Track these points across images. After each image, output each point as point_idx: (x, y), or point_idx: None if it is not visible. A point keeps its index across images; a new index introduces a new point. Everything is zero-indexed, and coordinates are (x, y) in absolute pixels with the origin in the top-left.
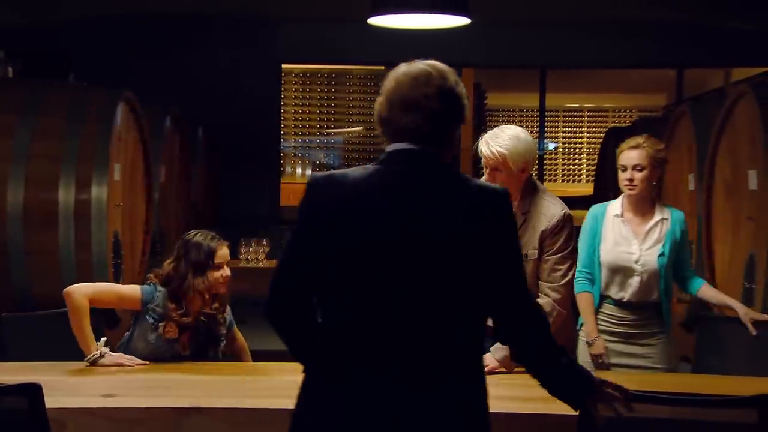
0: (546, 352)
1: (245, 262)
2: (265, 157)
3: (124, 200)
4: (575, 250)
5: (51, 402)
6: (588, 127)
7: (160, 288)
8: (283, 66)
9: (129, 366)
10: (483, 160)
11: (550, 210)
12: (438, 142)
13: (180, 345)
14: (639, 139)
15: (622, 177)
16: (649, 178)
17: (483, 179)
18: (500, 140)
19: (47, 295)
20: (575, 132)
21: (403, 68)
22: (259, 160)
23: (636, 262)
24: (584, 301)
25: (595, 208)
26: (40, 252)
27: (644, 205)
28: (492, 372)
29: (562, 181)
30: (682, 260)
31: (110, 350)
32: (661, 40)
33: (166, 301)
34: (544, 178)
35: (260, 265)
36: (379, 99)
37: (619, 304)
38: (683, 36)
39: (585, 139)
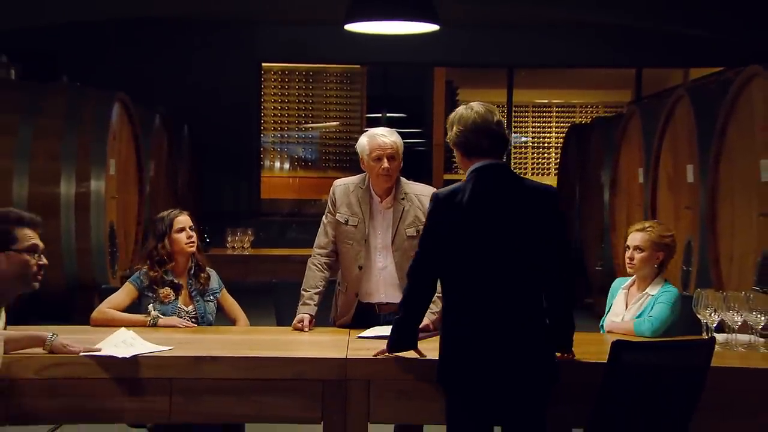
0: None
1: (232, 250)
2: (246, 152)
3: (118, 193)
4: None
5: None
6: (556, 122)
7: (143, 271)
8: (263, 64)
9: (180, 327)
10: (375, 152)
11: (426, 189)
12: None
13: (182, 303)
14: (647, 224)
15: (626, 255)
16: (646, 260)
17: (383, 167)
18: (392, 133)
19: (51, 281)
20: (544, 127)
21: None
22: (241, 154)
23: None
24: None
25: (618, 281)
26: (43, 241)
27: (646, 281)
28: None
29: (532, 174)
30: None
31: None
32: (621, 42)
33: (148, 274)
34: (514, 171)
35: (246, 252)
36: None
37: None
38: (642, 38)
39: (553, 134)
